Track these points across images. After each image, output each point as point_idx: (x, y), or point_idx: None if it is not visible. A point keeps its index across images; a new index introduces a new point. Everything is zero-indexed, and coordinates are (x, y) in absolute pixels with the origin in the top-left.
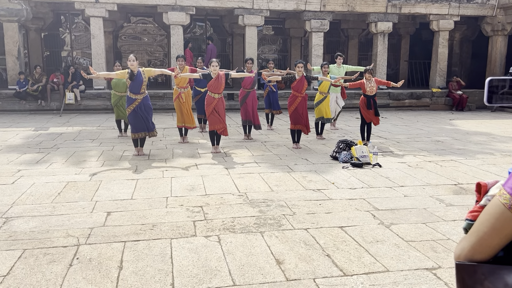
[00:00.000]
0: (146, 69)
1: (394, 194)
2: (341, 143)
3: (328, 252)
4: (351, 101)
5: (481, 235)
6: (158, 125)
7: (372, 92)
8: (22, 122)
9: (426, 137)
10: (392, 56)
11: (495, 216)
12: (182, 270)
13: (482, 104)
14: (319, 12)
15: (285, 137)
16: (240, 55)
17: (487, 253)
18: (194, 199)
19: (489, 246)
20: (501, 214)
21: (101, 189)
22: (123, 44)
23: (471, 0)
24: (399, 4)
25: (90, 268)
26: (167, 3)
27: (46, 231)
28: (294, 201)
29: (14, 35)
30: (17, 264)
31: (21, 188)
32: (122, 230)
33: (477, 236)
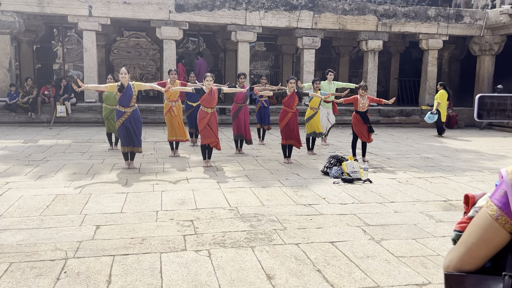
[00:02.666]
0: (137, 83)
1: (384, 209)
2: (332, 159)
3: (319, 267)
4: (342, 117)
5: (469, 246)
6: (149, 138)
7: (364, 109)
8: (12, 134)
9: (416, 154)
10: (382, 73)
11: (482, 227)
12: (172, 285)
13: (470, 121)
14: (310, 29)
15: (276, 152)
16: (233, 71)
17: (475, 264)
18: (184, 213)
19: (477, 257)
20: (488, 225)
21: (91, 202)
22: (116, 58)
23: (459, 20)
24: (389, 23)
25: (78, 282)
26: (160, 18)
27: (33, 244)
28: (285, 216)
29: (6, 47)
30: (3, 278)
31: (9, 200)
32: (111, 244)
33: (465, 247)
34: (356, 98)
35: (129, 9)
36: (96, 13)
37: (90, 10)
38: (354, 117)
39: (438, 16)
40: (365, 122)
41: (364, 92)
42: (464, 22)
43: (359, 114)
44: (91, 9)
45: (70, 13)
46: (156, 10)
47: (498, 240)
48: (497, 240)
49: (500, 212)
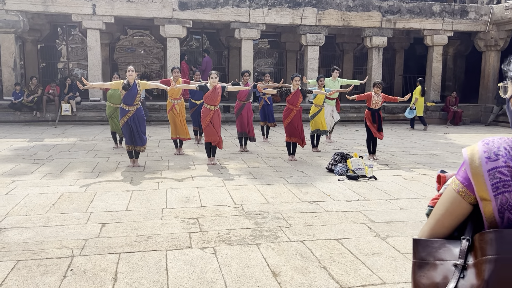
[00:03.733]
0: (142, 82)
1: (390, 206)
2: (336, 156)
3: (324, 264)
4: (346, 114)
5: (437, 218)
6: (153, 136)
7: (377, 106)
8: (17, 133)
9: (421, 151)
10: (387, 70)
11: (448, 200)
12: (178, 282)
13: (476, 118)
14: (314, 26)
15: (280, 149)
16: (236, 68)
17: (443, 233)
18: (189, 211)
19: (444, 226)
20: (453, 198)
21: (96, 200)
22: (120, 56)
23: (464, 16)
24: (393, 19)
25: (84, 280)
26: (164, 16)
27: (40, 242)
28: (290, 213)
29: (11, 46)
30: (10, 276)
31: (15, 199)
32: (116, 242)
33: (435, 219)
34: (370, 94)
35: (133, 7)
36: (100, 12)
37: (94, 9)
38: (367, 114)
39: (443, 11)
40: (373, 120)
41: (379, 90)
42: (469, 18)
43: (371, 111)
44: (95, 7)
45: (74, 12)
46: (160, 8)
47: (461, 210)
48: (460, 210)
49: (462, 185)
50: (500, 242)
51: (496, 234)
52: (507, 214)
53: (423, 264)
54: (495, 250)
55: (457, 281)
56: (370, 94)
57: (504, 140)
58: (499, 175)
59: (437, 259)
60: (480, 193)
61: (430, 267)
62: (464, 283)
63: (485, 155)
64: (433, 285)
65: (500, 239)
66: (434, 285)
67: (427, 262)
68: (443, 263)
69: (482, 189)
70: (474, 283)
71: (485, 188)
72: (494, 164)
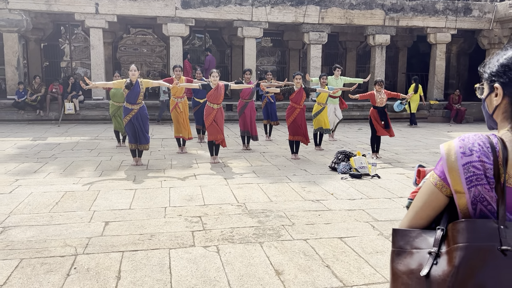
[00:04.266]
0: (144, 80)
1: (393, 205)
2: (340, 154)
3: (327, 263)
4: (349, 112)
5: (416, 210)
6: (156, 135)
7: (382, 104)
8: (20, 132)
9: (424, 149)
10: (390, 68)
11: (426, 193)
12: (181, 281)
13: (479, 116)
14: (317, 24)
15: (283, 148)
16: (239, 67)
17: (421, 224)
18: (192, 209)
19: (422, 218)
20: (430, 190)
21: (99, 199)
22: (122, 55)
23: (468, 14)
24: (396, 17)
25: (88, 278)
26: (166, 15)
27: (43, 241)
28: (293, 212)
29: (14, 45)
30: (14, 274)
31: (19, 197)
32: (120, 240)
33: (413, 211)
34: (372, 94)
35: (136, 6)
36: (102, 11)
37: (97, 8)
38: (372, 113)
39: (446, 9)
40: (381, 118)
41: (381, 88)
42: (473, 16)
43: (376, 109)
44: (97, 6)
45: (77, 11)
46: (163, 7)
47: (438, 202)
48: (437, 202)
49: (439, 179)
50: (470, 231)
51: (466, 223)
52: (479, 206)
53: (401, 252)
54: (465, 238)
55: (430, 267)
56: (372, 93)
57: (478, 137)
58: (473, 169)
59: (413, 247)
60: (455, 187)
61: (407, 254)
62: (437, 269)
63: (461, 150)
64: (409, 271)
65: (470, 228)
66: (410, 271)
67: (404, 250)
68: (419, 251)
69: (457, 182)
70: (445, 269)
71: (459, 182)
72: (469, 159)
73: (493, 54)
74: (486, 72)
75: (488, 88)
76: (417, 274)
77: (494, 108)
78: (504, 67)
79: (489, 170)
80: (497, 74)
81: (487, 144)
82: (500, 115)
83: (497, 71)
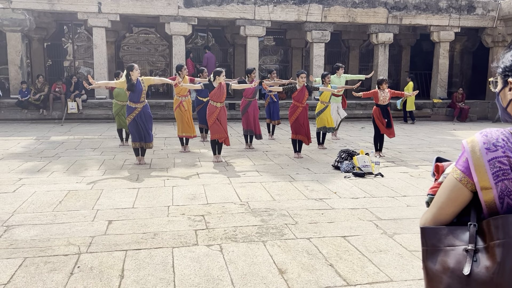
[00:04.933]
0: (146, 78)
1: (396, 204)
2: (343, 153)
3: (331, 261)
4: (352, 111)
5: (439, 205)
6: (159, 134)
7: (385, 102)
8: (24, 131)
9: (428, 147)
10: (393, 67)
11: (449, 189)
12: (184, 279)
13: (483, 114)
14: (320, 23)
15: (286, 146)
16: (242, 66)
17: (445, 219)
18: (195, 208)
19: (447, 214)
20: (454, 186)
21: (102, 197)
22: (125, 54)
23: (471, 12)
24: (399, 15)
25: (91, 277)
26: (169, 14)
27: (47, 240)
28: (296, 211)
29: (17, 44)
30: (18, 273)
31: (22, 196)
32: (123, 239)
33: (437, 207)
34: (376, 92)
35: (138, 5)
36: (105, 10)
37: (100, 7)
38: (375, 111)
39: (450, 7)
40: (384, 116)
41: (384, 86)
42: (476, 14)
43: (379, 107)
44: (100, 5)
45: (80, 10)
46: (165, 6)
47: (463, 198)
48: (462, 198)
49: (463, 174)
50: (508, 226)
51: (503, 219)
52: (507, 200)
53: (434, 250)
54: (504, 234)
55: (471, 265)
56: (375, 92)
57: (501, 132)
58: (499, 164)
59: (446, 245)
60: (482, 183)
61: (441, 253)
62: (478, 265)
63: (485, 146)
64: (446, 270)
65: (507, 224)
66: (447, 269)
67: (438, 248)
68: (453, 248)
69: (483, 178)
70: (488, 265)
71: (486, 177)
72: (494, 154)
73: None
74: (500, 67)
75: (502, 82)
76: (456, 272)
77: (508, 102)
78: None
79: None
80: (511, 69)
81: (510, 139)
82: None
83: (510, 66)
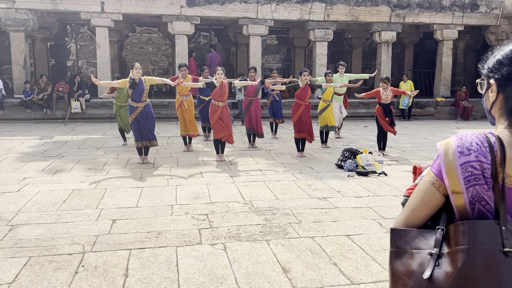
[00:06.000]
0: (148, 78)
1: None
2: (346, 152)
3: (335, 260)
4: (355, 110)
5: (412, 208)
6: (162, 133)
7: (387, 101)
8: (28, 131)
9: (431, 146)
10: (396, 65)
11: (423, 191)
12: (188, 278)
13: None
14: (323, 21)
15: (289, 145)
16: (244, 65)
17: (417, 222)
18: (199, 207)
19: (419, 216)
20: (427, 189)
21: (106, 197)
22: (128, 54)
23: (475, 10)
24: (403, 13)
25: (96, 276)
26: (172, 13)
27: (51, 239)
28: (299, 210)
29: (21, 44)
30: (23, 272)
31: (27, 196)
32: (127, 238)
33: (410, 209)
34: (378, 90)
35: (141, 5)
36: (108, 9)
37: (103, 7)
38: (377, 110)
39: (453, 5)
40: (386, 115)
41: (385, 85)
42: (480, 12)
43: (382, 106)
44: (103, 5)
45: (83, 10)
46: (168, 5)
47: (435, 201)
48: (434, 201)
49: (436, 178)
50: (472, 232)
51: (469, 225)
52: (478, 205)
53: (400, 252)
54: (467, 240)
55: (432, 269)
56: (378, 90)
57: (476, 136)
58: (471, 169)
59: (413, 247)
60: (453, 187)
61: (407, 255)
62: (439, 270)
63: (459, 149)
64: (409, 273)
65: (472, 229)
66: (410, 272)
67: (404, 250)
68: (419, 251)
69: (454, 182)
70: (448, 271)
71: (457, 182)
72: (466, 158)
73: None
74: (484, 68)
75: (486, 84)
76: (418, 276)
77: (491, 104)
78: (499, 63)
79: (487, 170)
80: (492, 70)
81: (485, 144)
82: (497, 111)
83: (493, 67)
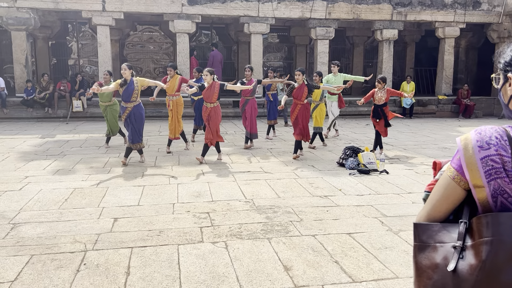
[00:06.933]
0: (140, 79)
1: (402, 200)
2: (347, 150)
3: (336, 258)
4: (356, 108)
5: (434, 203)
6: (163, 132)
7: (380, 102)
8: (29, 130)
9: (433, 144)
10: (398, 63)
11: (444, 186)
12: (190, 276)
13: (489, 111)
14: (324, 19)
15: (290, 144)
16: (246, 63)
17: (439, 217)
18: (200, 206)
19: (441, 211)
20: (448, 184)
21: (108, 195)
22: (129, 52)
23: (476, 7)
24: (404, 11)
25: (98, 274)
26: (173, 12)
27: (53, 237)
28: (301, 208)
29: (22, 43)
30: (25, 270)
31: (28, 194)
32: (129, 236)
33: (431, 204)
34: (373, 92)
35: (142, 3)
36: (109, 8)
37: (104, 5)
38: (372, 110)
39: (455, 3)
40: (374, 116)
41: (381, 85)
42: (482, 9)
43: (374, 106)
44: (104, 4)
45: (84, 9)
46: (169, 4)
47: (456, 196)
48: (455, 196)
49: (456, 173)
50: (496, 224)
51: (492, 217)
52: (500, 198)
53: (424, 246)
54: (491, 232)
55: (456, 262)
56: (373, 92)
57: (495, 130)
58: (491, 163)
59: (437, 241)
60: (474, 181)
61: (430, 249)
62: (463, 263)
63: (478, 144)
64: (434, 266)
65: (496, 222)
66: (434, 265)
67: (428, 244)
68: (442, 245)
69: (475, 176)
70: (472, 263)
71: (478, 176)
72: (486, 152)
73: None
74: (500, 62)
75: (503, 78)
76: (443, 269)
77: (509, 98)
78: None
79: (507, 163)
80: (510, 64)
81: (504, 137)
82: None
83: (510, 60)
